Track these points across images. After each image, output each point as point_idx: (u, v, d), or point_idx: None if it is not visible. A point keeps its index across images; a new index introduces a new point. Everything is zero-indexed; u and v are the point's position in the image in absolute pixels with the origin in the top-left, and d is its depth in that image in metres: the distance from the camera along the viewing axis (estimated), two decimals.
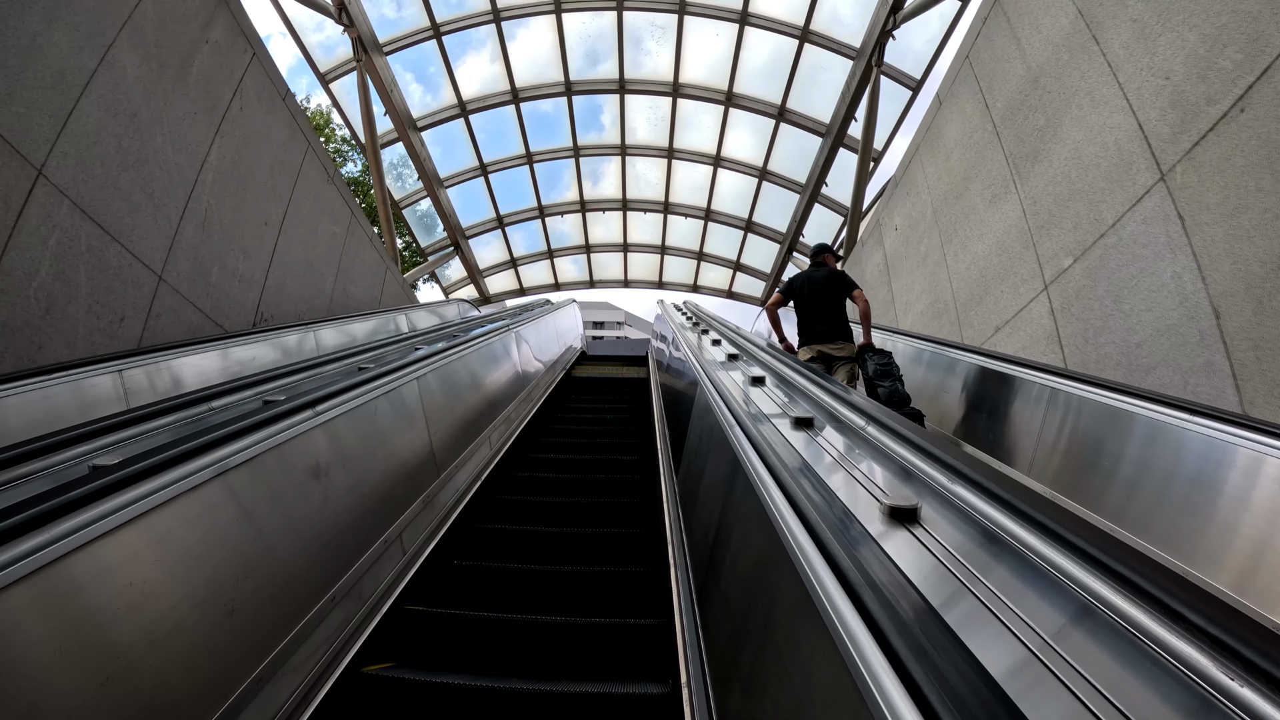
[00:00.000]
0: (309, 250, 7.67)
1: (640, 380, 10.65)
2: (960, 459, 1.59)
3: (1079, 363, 4.78)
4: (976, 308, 6.01)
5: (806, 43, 10.59)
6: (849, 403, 2.53)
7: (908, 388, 5.11)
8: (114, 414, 2.65)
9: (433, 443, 3.88)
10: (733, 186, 15.14)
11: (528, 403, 6.94)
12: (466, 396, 4.99)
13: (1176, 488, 2.82)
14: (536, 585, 3.14)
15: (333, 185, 8.19)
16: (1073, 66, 4.90)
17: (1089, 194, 4.69)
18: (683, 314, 9.18)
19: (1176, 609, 0.91)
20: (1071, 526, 1.16)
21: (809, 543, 1.32)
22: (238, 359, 4.83)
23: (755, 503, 1.76)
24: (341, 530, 2.71)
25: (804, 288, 5.79)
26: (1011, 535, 1.25)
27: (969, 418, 4.78)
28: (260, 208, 6.71)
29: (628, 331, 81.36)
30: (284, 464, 2.38)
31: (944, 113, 6.80)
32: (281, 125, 7.06)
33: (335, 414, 2.82)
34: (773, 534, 1.51)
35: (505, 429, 5.82)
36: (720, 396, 2.94)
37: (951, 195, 6.55)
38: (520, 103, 12.54)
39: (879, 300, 8.51)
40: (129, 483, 1.68)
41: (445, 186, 14.13)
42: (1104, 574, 1.04)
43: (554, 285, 18.97)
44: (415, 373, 3.80)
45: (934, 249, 6.89)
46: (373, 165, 10.56)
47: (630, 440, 6.10)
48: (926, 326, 7.00)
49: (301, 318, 7.47)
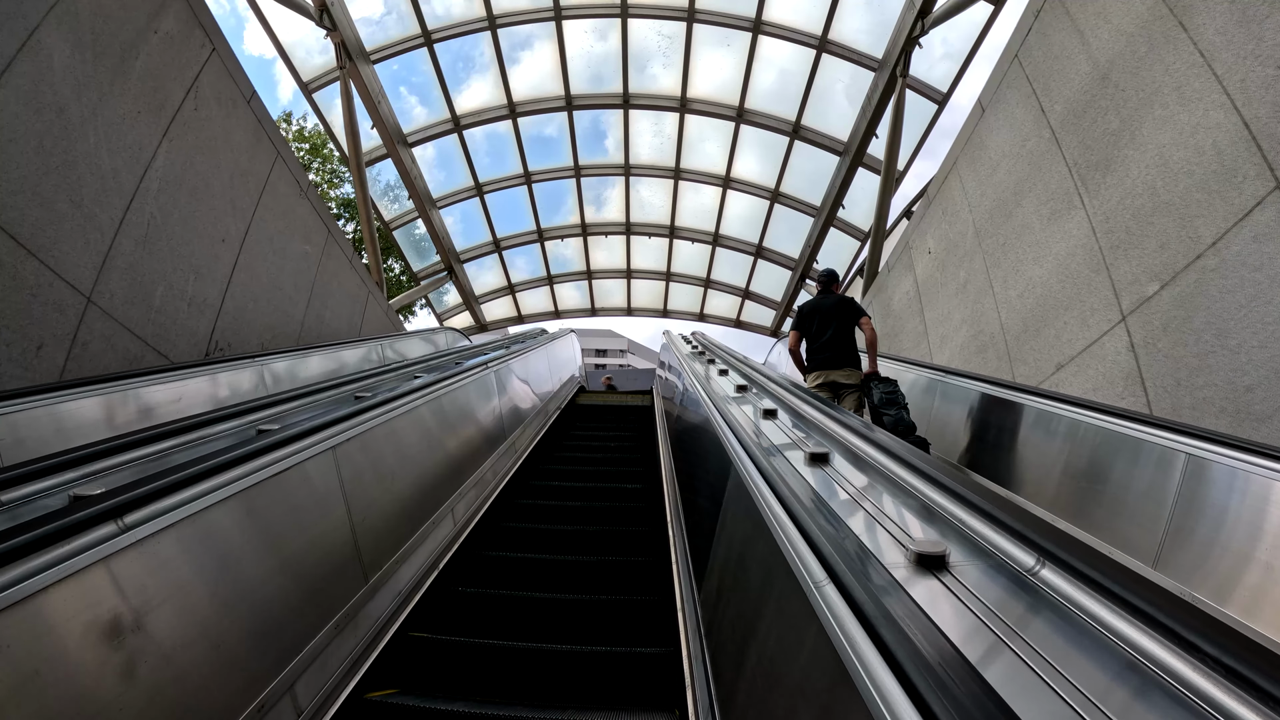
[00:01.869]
0: (276, 272, 7.00)
1: (644, 409, 9.94)
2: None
3: (1168, 408, 4.06)
4: (1032, 341, 5.30)
5: (825, 53, 10.03)
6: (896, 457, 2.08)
7: (949, 433, 4.43)
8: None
9: (357, 538, 2.90)
10: (743, 209, 14.56)
11: (511, 455, 6.08)
12: (420, 461, 4.01)
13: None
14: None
15: (306, 200, 7.56)
16: (1153, 59, 4.25)
17: (1179, 207, 4.00)
18: (694, 348, 8.49)
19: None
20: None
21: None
22: (146, 404, 4.02)
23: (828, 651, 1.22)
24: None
25: (813, 315, 5.93)
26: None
27: (1038, 479, 4.05)
28: (216, 222, 6.05)
29: (631, 360, 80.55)
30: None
31: (988, 120, 6.16)
32: (244, 131, 6.44)
33: (168, 523, 1.85)
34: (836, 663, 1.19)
35: (478, 493, 4.93)
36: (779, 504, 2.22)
37: (999, 213, 5.87)
38: (518, 117, 11.98)
39: (909, 331, 7.82)
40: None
41: (438, 207, 13.55)
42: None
43: (554, 313, 18.35)
44: (329, 439, 2.77)
45: (977, 274, 6.20)
46: (356, 180, 9.96)
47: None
48: (968, 362, 6.28)
49: (265, 347, 6.79)
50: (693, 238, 15.49)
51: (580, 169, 13.68)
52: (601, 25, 10.94)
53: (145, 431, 2.72)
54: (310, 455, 2.60)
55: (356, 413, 3.12)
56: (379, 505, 3.25)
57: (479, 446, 5.21)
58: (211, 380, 4.73)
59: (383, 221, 13.71)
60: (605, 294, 18.11)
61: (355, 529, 2.83)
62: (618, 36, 10.84)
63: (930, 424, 5.50)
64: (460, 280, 15.55)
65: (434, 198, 13.27)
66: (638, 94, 11.85)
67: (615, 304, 18.35)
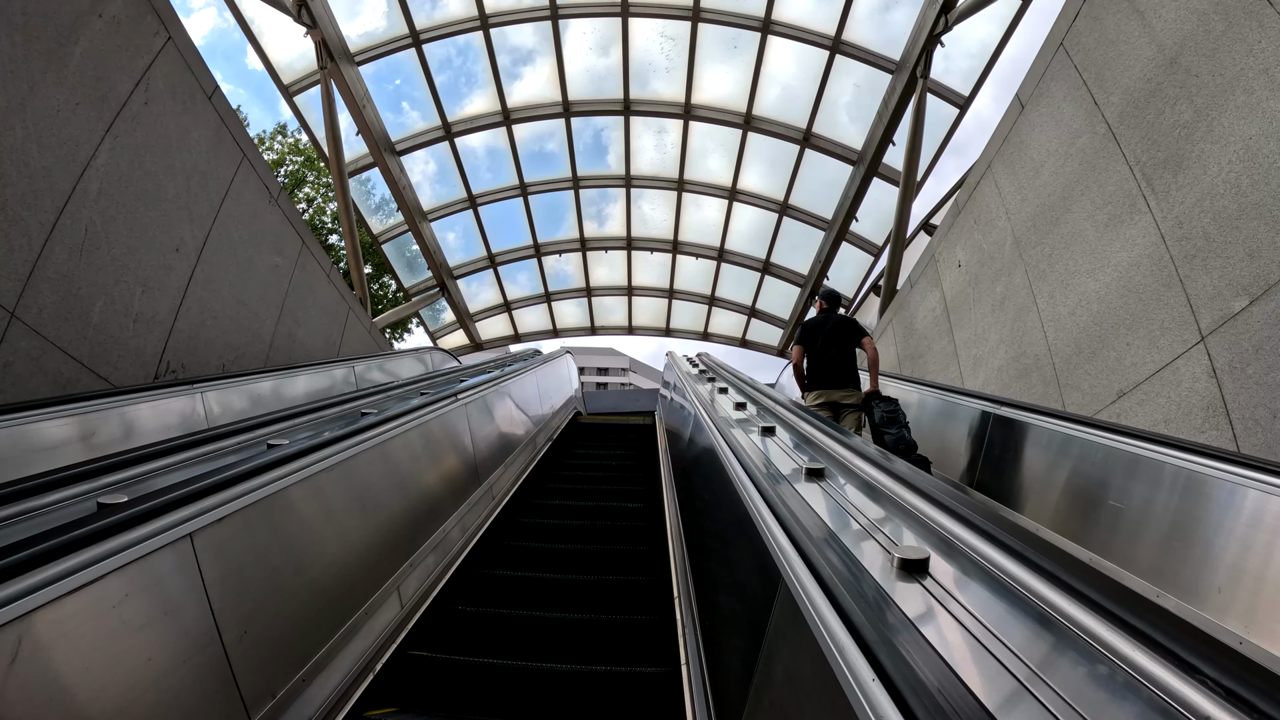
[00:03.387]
0: (240, 285, 6.47)
1: (645, 431, 9.35)
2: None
3: (1259, 445, 3.49)
4: (1086, 365, 4.74)
5: (838, 54, 9.56)
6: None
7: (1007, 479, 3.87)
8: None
9: (232, 662, 2.05)
10: (749, 223, 14.08)
11: (487, 503, 5.18)
12: (349, 530, 3.11)
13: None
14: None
15: (276, 207, 7.04)
16: (1233, 38, 3.73)
17: (1271, 209, 3.46)
18: (700, 370, 7.95)
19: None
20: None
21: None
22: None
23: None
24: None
25: (816, 332, 6.00)
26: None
27: (1123, 536, 3.47)
28: (169, 230, 5.53)
29: (634, 378, 79.75)
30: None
31: (1029, 118, 5.63)
32: (204, 129, 5.94)
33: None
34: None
35: (437, 559, 3.99)
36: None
37: (1043, 220, 5.33)
38: (513, 124, 11.53)
39: (937, 352, 7.26)
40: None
41: (429, 220, 13.06)
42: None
43: (552, 331, 17.84)
44: (182, 525, 1.94)
45: (1018, 289, 5.65)
46: (337, 188, 9.47)
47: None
48: (1007, 388, 5.72)
49: (227, 368, 6.25)
50: (697, 253, 15.00)
51: (579, 180, 13.21)
52: (601, 26, 10.50)
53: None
54: (143, 554, 1.78)
55: (246, 475, 2.30)
56: (276, 605, 2.40)
57: (441, 499, 4.37)
58: (103, 418, 3.88)
59: (371, 235, 13.23)
60: (605, 312, 17.61)
61: (229, 650, 2.04)
62: (618, 39, 10.39)
63: (956, 456, 4.95)
64: (453, 297, 15.04)
65: (424, 210, 12.79)
66: (639, 100, 11.39)
67: (616, 322, 17.84)
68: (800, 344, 6.09)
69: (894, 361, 8.66)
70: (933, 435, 5.56)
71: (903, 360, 8.39)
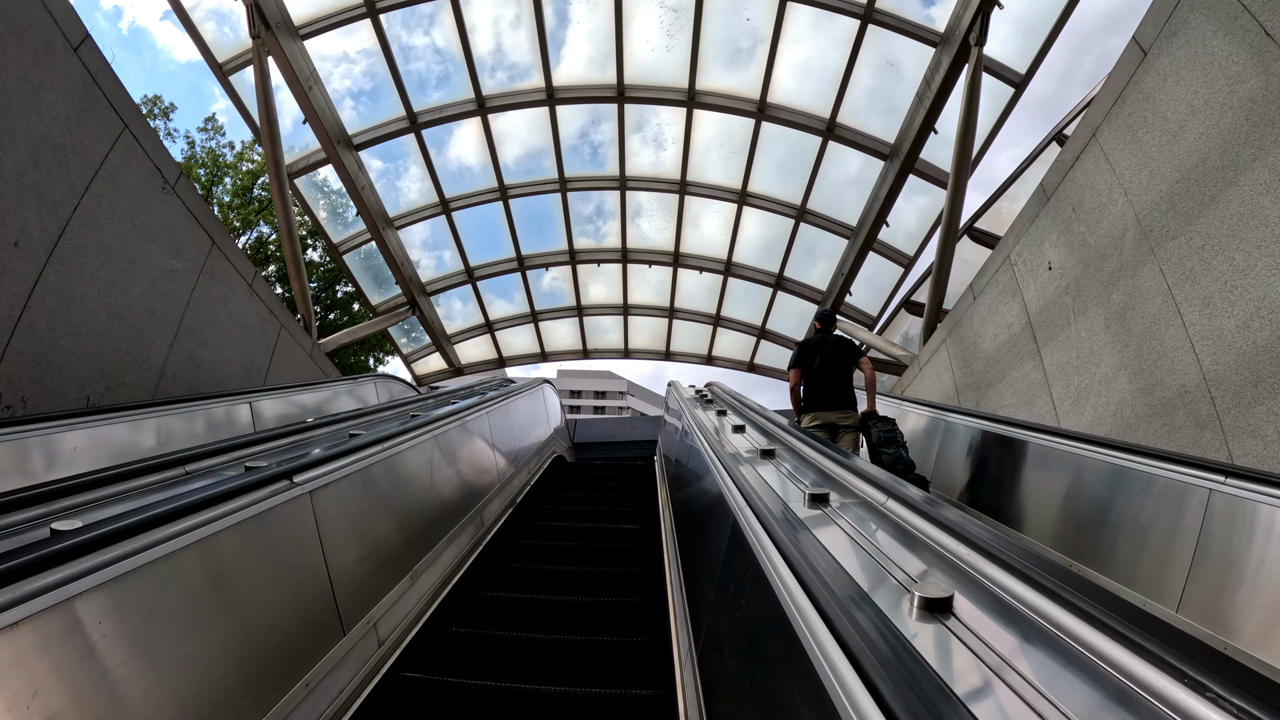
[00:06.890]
0: (116, 294, 5.17)
1: (644, 470, 7.99)
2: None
3: None
4: (1270, 400, 3.43)
5: (870, 24, 8.33)
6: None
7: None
8: None
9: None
10: (761, 231, 12.87)
11: (444, 577, 3.82)
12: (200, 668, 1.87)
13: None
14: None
15: (173, 196, 5.75)
16: None
17: None
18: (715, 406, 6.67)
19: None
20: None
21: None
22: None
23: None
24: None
25: (814, 354, 6.07)
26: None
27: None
28: (2, 217, 4.24)
29: (632, 402, 77.54)
30: None
31: (1156, 65, 4.37)
32: (65, 89, 4.68)
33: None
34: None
35: (361, 659, 2.71)
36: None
37: (1187, 198, 4.06)
38: (488, 114, 10.29)
39: (1015, 380, 5.96)
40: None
41: (396, 227, 11.81)
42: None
43: (540, 354, 16.54)
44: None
45: (1147, 295, 4.36)
46: (273, 180, 8.21)
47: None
48: (1129, 429, 4.41)
49: (94, 400, 4.93)
50: (700, 266, 13.74)
51: (566, 182, 11.97)
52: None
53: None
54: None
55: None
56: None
57: (374, 586, 2.89)
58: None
59: (331, 244, 11.97)
60: (599, 333, 16.32)
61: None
62: (610, 7, 9.16)
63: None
64: (426, 316, 13.72)
65: (389, 215, 11.53)
66: (634, 85, 10.16)
67: (611, 344, 16.56)
68: (796, 366, 6.13)
69: (950, 392, 7.34)
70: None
71: (962, 391, 7.07)
